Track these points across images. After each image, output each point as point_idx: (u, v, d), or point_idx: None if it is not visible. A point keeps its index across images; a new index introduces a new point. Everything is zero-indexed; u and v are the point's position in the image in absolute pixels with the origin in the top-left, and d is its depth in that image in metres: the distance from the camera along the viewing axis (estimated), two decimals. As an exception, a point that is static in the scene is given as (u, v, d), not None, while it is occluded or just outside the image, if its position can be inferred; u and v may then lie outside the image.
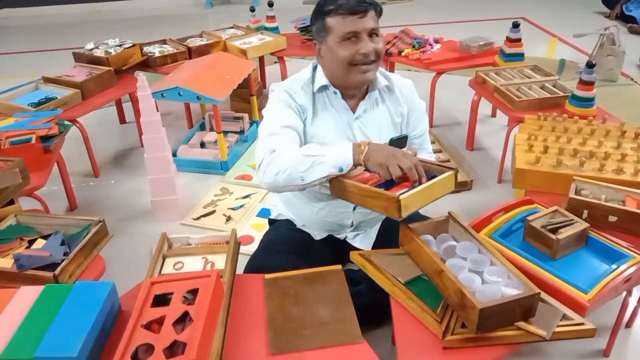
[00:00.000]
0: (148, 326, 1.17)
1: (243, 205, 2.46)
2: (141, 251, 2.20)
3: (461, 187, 2.58)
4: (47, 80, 2.79)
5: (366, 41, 1.51)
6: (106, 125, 3.39)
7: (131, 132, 3.26)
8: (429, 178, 1.36)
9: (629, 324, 1.75)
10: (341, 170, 1.40)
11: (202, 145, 2.96)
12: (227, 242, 1.53)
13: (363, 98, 1.66)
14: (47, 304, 1.26)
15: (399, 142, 1.65)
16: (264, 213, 2.38)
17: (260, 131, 1.59)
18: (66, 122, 2.34)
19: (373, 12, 1.53)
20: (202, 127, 3.16)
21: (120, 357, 1.08)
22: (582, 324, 1.23)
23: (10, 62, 4.93)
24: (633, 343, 1.72)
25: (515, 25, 2.90)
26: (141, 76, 2.16)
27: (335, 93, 1.63)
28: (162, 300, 1.24)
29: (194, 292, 1.25)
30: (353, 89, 1.63)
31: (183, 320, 1.19)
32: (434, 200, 1.36)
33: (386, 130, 1.68)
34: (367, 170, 1.46)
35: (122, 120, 3.43)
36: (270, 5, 3.58)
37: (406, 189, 1.32)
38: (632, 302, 1.63)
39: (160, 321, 1.18)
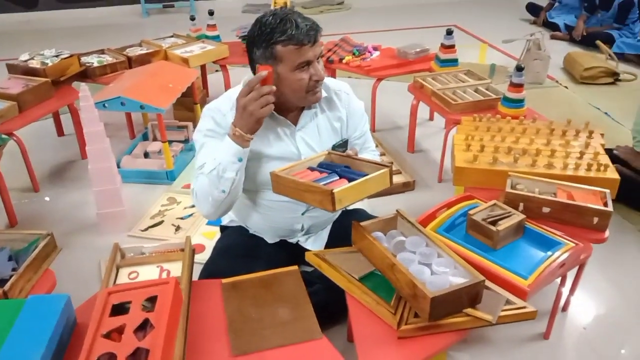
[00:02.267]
0: (108, 335, 1.16)
1: (192, 214, 2.46)
2: (89, 264, 2.15)
3: (405, 187, 2.68)
4: (-20, 92, 2.67)
5: (317, 67, 1.54)
6: (43, 138, 3.28)
7: (70, 144, 3.17)
8: (360, 177, 1.41)
9: (564, 308, 1.88)
10: (240, 160, 1.50)
11: (146, 155, 2.92)
12: (182, 250, 1.53)
13: (301, 111, 1.70)
14: (-2, 320, 1.23)
15: (341, 146, 1.72)
16: (213, 221, 2.38)
17: (195, 163, 1.65)
18: (3, 136, 2.26)
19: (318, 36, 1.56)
20: (145, 137, 3.12)
21: (81, 368, 1.07)
22: (524, 307, 1.33)
23: None
24: (569, 325, 1.86)
25: (449, 32, 3.05)
26: (83, 86, 2.12)
27: (273, 113, 1.62)
28: (119, 309, 1.24)
29: (152, 300, 1.26)
30: (293, 106, 1.66)
31: (143, 328, 1.19)
32: (368, 196, 1.42)
33: (326, 137, 1.72)
34: (309, 168, 1.51)
35: (60, 132, 3.33)
36: (211, 13, 3.58)
37: (344, 184, 1.36)
38: (565, 288, 1.75)
39: (119, 330, 1.18)
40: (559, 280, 1.70)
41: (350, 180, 1.39)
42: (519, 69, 2.45)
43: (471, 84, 2.79)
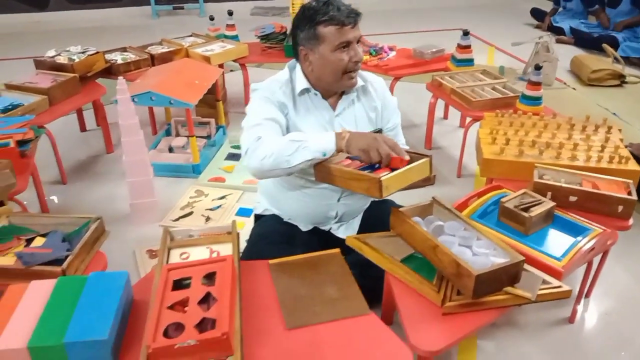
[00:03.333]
0: (171, 308, 1.23)
1: (220, 205, 2.52)
2: (123, 254, 2.21)
3: (425, 182, 2.71)
4: (10, 87, 2.74)
5: (356, 49, 1.63)
6: (66, 133, 3.33)
7: (93, 139, 3.23)
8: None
9: (587, 294, 1.95)
10: (324, 155, 1.51)
11: (170, 150, 2.98)
12: (229, 233, 1.60)
13: (340, 97, 1.78)
14: (64, 294, 1.29)
15: None
16: (243, 212, 2.45)
17: (244, 124, 1.67)
18: (39, 128, 2.32)
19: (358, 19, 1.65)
20: (168, 133, 3.18)
21: (152, 336, 1.13)
22: (559, 286, 1.40)
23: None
24: (592, 310, 1.93)
25: (465, 33, 3.14)
26: (121, 80, 2.19)
27: (315, 94, 1.74)
28: (178, 285, 1.30)
29: (208, 277, 1.32)
30: (332, 90, 1.74)
31: (205, 301, 1.25)
32: (410, 184, 1.48)
33: (362, 125, 1.80)
34: (349, 158, 1.58)
35: (83, 128, 3.39)
36: (230, 14, 3.66)
37: (386, 172, 1.43)
38: (591, 273, 1.82)
39: (183, 303, 1.24)
40: (582, 266, 1.78)
41: (392, 169, 1.46)
42: (537, 67, 2.53)
43: (488, 82, 2.87)
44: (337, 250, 1.59)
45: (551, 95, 3.91)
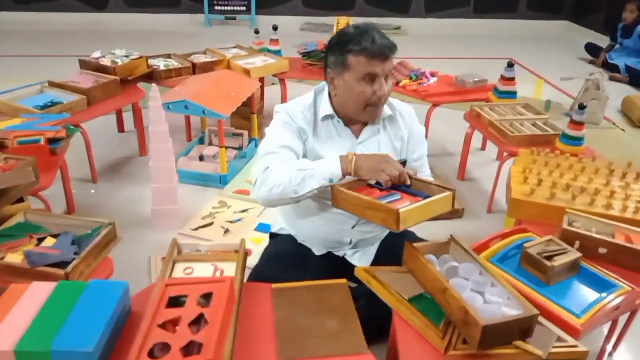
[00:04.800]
0: (162, 326, 1.20)
1: (241, 219, 2.51)
2: (140, 258, 2.22)
3: (453, 214, 2.66)
4: (53, 84, 2.82)
5: (382, 84, 1.58)
6: (104, 133, 3.41)
7: (129, 141, 3.29)
8: (423, 198, 1.42)
9: (611, 353, 1.82)
10: (331, 181, 1.49)
11: (201, 158, 3.00)
12: (236, 251, 1.57)
13: (365, 124, 1.73)
14: (60, 300, 1.28)
15: None
16: (261, 227, 2.42)
17: (259, 149, 1.67)
18: (72, 127, 2.37)
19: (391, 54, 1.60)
20: (201, 141, 3.21)
21: (137, 354, 1.11)
22: (575, 346, 1.30)
23: (6, 65, 4.93)
24: (615, 371, 1.80)
25: (510, 65, 3.04)
26: (154, 87, 2.22)
27: (338, 122, 1.70)
28: (175, 302, 1.28)
29: (205, 297, 1.29)
30: (356, 119, 1.70)
31: (197, 322, 1.22)
32: (430, 218, 1.42)
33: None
34: (369, 185, 1.53)
35: (121, 129, 3.46)
36: (275, 29, 3.68)
37: (406, 204, 1.38)
38: (616, 331, 1.70)
39: (174, 322, 1.22)
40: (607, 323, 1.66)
41: (412, 199, 1.40)
42: (581, 107, 2.42)
43: (529, 117, 2.77)
44: (343, 280, 1.54)
45: (597, 134, 3.75)
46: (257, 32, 3.77)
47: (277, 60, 3.51)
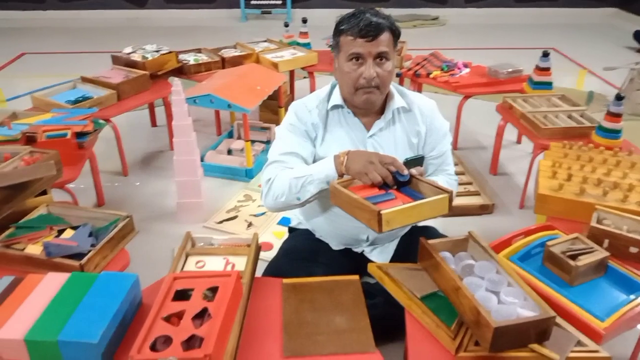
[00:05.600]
0: (168, 319, 1.20)
1: (265, 212, 2.50)
2: (163, 250, 2.25)
3: (482, 210, 2.58)
4: (85, 80, 2.89)
5: (369, 65, 1.53)
6: (138, 127, 3.48)
7: (161, 135, 3.34)
8: (417, 199, 1.36)
9: (644, 359, 1.72)
10: (328, 183, 1.48)
11: (229, 152, 3.02)
12: (249, 245, 1.56)
13: (379, 117, 1.69)
14: (72, 291, 1.30)
15: (415, 162, 1.67)
16: (284, 221, 2.41)
17: (269, 154, 1.68)
18: (101, 121, 2.42)
19: (388, 34, 1.53)
20: (230, 135, 3.23)
21: (139, 347, 1.11)
22: (596, 351, 1.23)
23: (50, 61, 5.11)
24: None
25: (545, 55, 2.92)
26: (176, 81, 2.23)
27: (348, 112, 1.66)
28: (182, 295, 1.28)
29: (214, 290, 1.29)
30: (360, 108, 1.66)
31: (202, 316, 1.22)
32: (421, 221, 1.36)
33: (401, 149, 1.69)
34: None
35: (154, 123, 3.53)
36: (304, 21, 3.65)
37: (399, 205, 1.31)
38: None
39: (179, 315, 1.22)
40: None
41: (406, 200, 1.35)
42: (619, 97, 2.29)
43: (564, 109, 2.65)
44: (356, 277, 1.50)
45: (639, 127, 3.56)
46: (286, 25, 3.75)
47: (306, 53, 3.49)
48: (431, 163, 1.75)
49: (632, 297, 1.39)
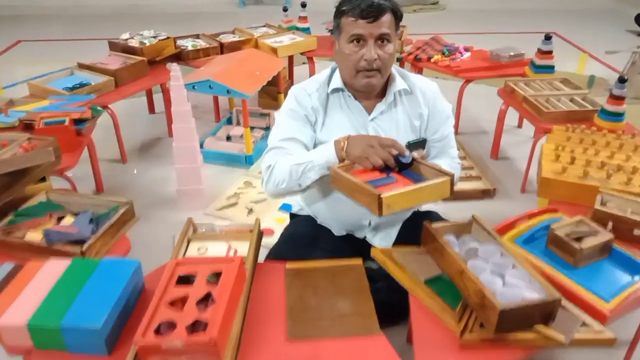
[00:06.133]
0: (171, 304, 1.19)
1: (265, 199, 2.49)
2: (164, 237, 2.24)
3: (484, 195, 2.57)
4: (82, 66, 2.86)
5: (370, 47, 1.50)
6: (136, 114, 3.46)
7: (160, 122, 3.32)
8: (418, 182, 1.34)
9: (648, 341, 1.72)
10: (329, 169, 1.46)
11: (228, 138, 3.00)
12: (251, 231, 1.55)
13: (380, 100, 1.67)
14: (74, 277, 1.29)
15: (417, 145, 1.65)
16: (285, 207, 2.40)
17: (269, 139, 1.66)
18: (99, 108, 2.40)
19: (390, 15, 1.51)
20: (229, 121, 3.21)
21: (143, 331, 1.11)
22: (601, 332, 1.22)
23: (46, 49, 5.06)
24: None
25: (547, 38, 2.89)
26: (174, 66, 2.21)
27: (349, 96, 1.64)
28: (185, 281, 1.27)
29: (217, 275, 1.28)
30: (361, 91, 1.64)
31: (205, 300, 1.21)
32: (422, 204, 1.35)
33: (404, 132, 1.68)
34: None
35: (152, 110, 3.50)
36: (304, 6, 3.62)
37: (400, 188, 1.30)
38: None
39: (183, 300, 1.21)
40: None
41: (407, 183, 1.33)
42: (622, 80, 2.27)
43: (567, 93, 2.63)
44: (359, 260, 1.50)
45: (642, 110, 3.55)
46: (285, 9, 3.72)
47: (305, 38, 3.45)
48: (434, 146, 1.73)
49: (636, 278, 1.38)
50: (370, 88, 1.60)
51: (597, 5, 6.89)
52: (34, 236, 1.53)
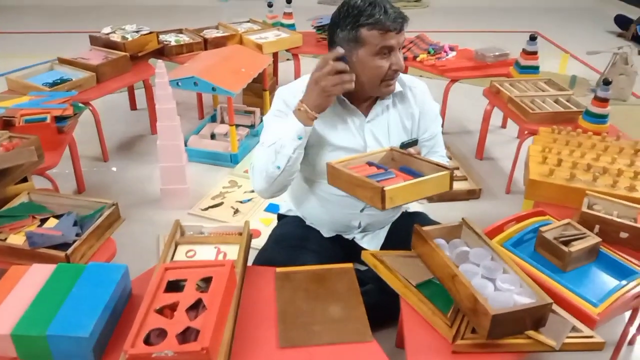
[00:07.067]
0: (160, 311, 1.17)
1: (251, 199, 2.47)
2: (148, 237, 2.20)
3: (469, 195, 2.59)
4: (63, 61, 2.79)
5: (398, 56, 1.51)
6: (116, 110, 3.39)
7: (142, 118, 3.26)
8: (417, 177, 1.35)
9: (631, 341, 1.75)
10: (300, 138, 1.47)
11: (213, 136, 2.96)
12: (240, 234, 1.53)
13: (374, 102, 1.66)
14: (59, 283, 1.26)
15: (410, 145, 1.65)
16: (271, 208, 2.38)
17: (260, 141, 1.64)
18: (80, 105, 2.34)
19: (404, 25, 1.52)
20: (213, 119, 3.17)
21: (132, 341, 1.08)
22: (591, 336, 1.24)
23: (24, 42, 4.94)
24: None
25: (532, 38, 2.91)
26: (160, 63, 2.17)
27: (344, 100, 1.62)
28: (174, 286, 1.25)
29: (207, 280, 1.26)
30: (371, 97, 1.63)
31: (195, 307, 1.19)
32: (423, 197, 1.35)
33: (396, 133, 1.67)
34: (368, 163, 1.46)
35: (133, 106, 3.44)
36: (289, 2, 3.58)
37: (400, 182, 1.30)
38: (637, 320, 1.63)
39: (172, 307, 1.18)
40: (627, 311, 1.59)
41: (407, 178, 1.33)
42: (606, 82, 2.30)
43: (551, 94, 2.65)
44: (350, 265, 1.49)
45: (624, 112, 3.60)
46: (270, 5, 3.68)
47: (291, 34, 3.42)
48: (424, 145, 1.73)
49: (623, 282, 1.40)
50: (389, 94, 1.60)
51: (577, 4, 6.98)
52: (17, 239, 1.49)
